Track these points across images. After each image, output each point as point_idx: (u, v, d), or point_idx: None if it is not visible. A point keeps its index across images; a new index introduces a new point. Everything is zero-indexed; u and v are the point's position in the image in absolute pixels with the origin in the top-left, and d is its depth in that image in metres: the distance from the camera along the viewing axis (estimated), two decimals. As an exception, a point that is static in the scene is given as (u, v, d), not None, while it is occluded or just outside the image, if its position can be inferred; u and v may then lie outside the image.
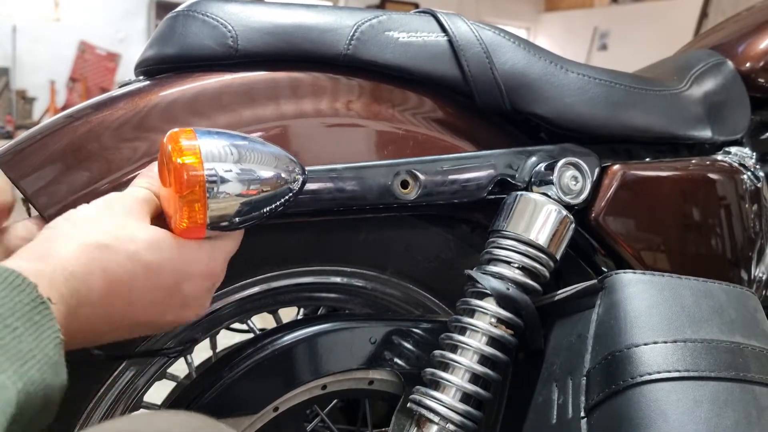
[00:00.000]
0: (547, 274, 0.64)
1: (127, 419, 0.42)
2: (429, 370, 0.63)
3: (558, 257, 0.65)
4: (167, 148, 0.49)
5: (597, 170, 0.70)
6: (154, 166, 0.54)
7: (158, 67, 0.63)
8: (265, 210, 0.52)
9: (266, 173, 0.51)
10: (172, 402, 0.63)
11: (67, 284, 0.43)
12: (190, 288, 0.51)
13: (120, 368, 0.62)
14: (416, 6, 8.12)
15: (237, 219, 0.50)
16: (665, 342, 0.53)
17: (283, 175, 0.52)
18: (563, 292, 0.62)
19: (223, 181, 0.48)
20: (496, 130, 0.71)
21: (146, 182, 0.54)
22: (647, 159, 0.78)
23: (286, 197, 0.53)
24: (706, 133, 0.82)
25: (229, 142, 0.50)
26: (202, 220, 0.49)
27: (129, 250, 0.47)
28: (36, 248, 0.45)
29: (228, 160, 0.49)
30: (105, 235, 0.47)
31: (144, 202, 0.51)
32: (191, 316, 0.53)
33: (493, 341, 0.62)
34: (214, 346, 0.84)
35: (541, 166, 0.67)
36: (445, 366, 0.62)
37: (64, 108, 6.35)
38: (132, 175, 0.55)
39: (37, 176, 0.54)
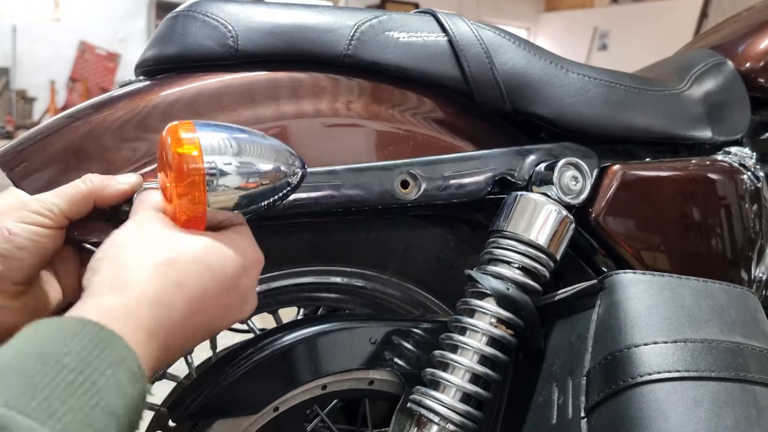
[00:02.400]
0: (547, 274, 0.64)
1: None
2: (429, 370, 0.63)
3: (558, 257, 0.65)
4: (167, 141, 0.49)
5: (597, 170, 0.70)
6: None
7: (158, 68, 0.63)
8: (263, 204, 0.51)
9: (266, 166, 0.50)
10: (172, 402, 0.63)
11: (152, 315, 0.42)
12: (246, 281, 0.50)
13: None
14: (416, 6, 8.12)
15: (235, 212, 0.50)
16: (665, 342, 0.53)
17: (282, 168, 0.51)
18: (563, 292, 0.62)
19: (222, 174, 0.48)
20: (496, 130, 0.71)
21: (153, 184, 0.53)
22: (647, 159, 0.78)
23: (285, 191, 0.52)
24: (706, 134, 0.82)
25: (228, 134, 0.49)
26: (202, 212, 0.48)
27: (193, 259, 0.46)
28: (107, 281, 0.43)
29: (227, 152, 0.48)
30: (167, 250, 0.46)
31: (160, 208, 0.51)
32: (249, 310, 0.52)
33: (493, 341, 0.62)
34: (214, 346, 0.84)
35: (541, 166, 0.67)
36: (445, 366, 0.62)
37: (64, 108, 6.35)
38: None
39: (37, 177, 0.54)
